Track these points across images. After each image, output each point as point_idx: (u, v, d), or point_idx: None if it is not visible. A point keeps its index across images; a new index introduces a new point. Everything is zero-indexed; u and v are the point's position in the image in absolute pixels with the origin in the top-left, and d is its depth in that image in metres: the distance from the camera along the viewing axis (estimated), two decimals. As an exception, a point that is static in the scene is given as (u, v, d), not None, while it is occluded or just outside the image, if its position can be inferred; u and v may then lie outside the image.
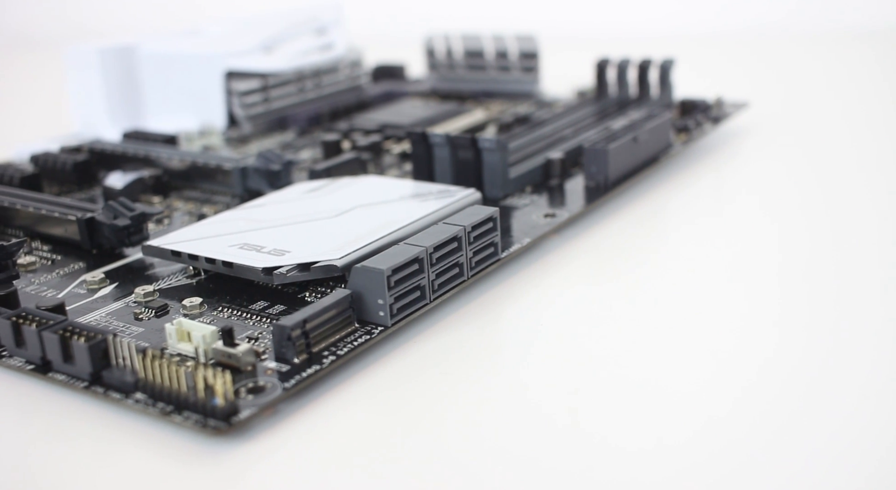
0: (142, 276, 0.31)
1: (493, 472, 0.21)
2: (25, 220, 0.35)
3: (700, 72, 0.59)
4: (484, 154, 0.36)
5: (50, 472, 0.22)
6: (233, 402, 0.22)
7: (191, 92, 0.50)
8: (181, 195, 0.40)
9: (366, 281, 0.26)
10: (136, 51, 0.50)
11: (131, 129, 0.47)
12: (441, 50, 0.57)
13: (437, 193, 0.34)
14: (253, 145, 0.48)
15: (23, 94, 0.72)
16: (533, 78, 0.54)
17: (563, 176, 0.38)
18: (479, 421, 0.23)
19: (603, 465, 0.21)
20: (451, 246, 0.28)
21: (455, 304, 0.29)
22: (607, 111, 0.46)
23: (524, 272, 0.31)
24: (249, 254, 0.29)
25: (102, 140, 0.45)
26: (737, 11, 0.81)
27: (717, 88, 0.50)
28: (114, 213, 0.33)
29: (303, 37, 0.55)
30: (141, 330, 0.27)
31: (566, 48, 0.66)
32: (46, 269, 0.32)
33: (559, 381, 0.25)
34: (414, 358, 0.26)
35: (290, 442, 0.22)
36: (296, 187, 0.36)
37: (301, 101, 0.52)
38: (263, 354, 0.25)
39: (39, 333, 0.25)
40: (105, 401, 0.24)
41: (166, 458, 0.22)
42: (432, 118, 0.48)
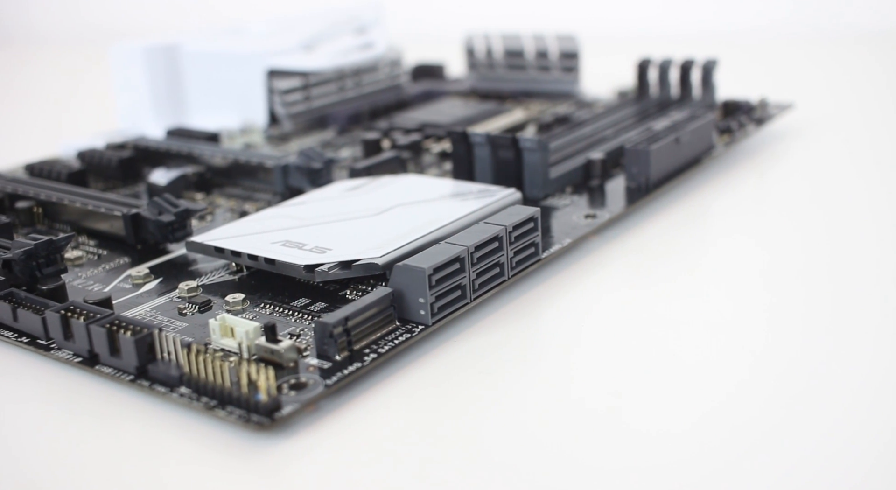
0: (185, 271, 0.32)
1: (531, 472, 0.21)
2: (72, 215, 0.36)
3: (744, 72, 0.58)
4: (525, 154, 0.36)
5: (95, 463, 0.22)
6: (276, 398, 0.22)
7: (233, 90, 0.51)
8: (223, 192, 0.40)
9: (407, 279, 0.26)
10: (180, 49, 0.51)
11: (174, 127, 0.48)
12: (481, 49, 0.56)
13: (477, 193, 0.34)
14: (293, 143, 0.48)
15: (70, 91, 0.73)
16: (573, 78, 0.54)
17: (604, 176, 0.38)
18: (518, 421, 0.23)
19: (644, 466, 0.21)
20: (492, 245, 0.28)
21: (495, 303, 0.29)
22: (648, 112, 0.46)
23: (564, 273, 0.31)
24: (291, 251, 0.29)
25: (147, 137, 0.46)
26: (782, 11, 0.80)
27: (760, 89, 0.49)
28: (158, 210, 0.33)
29: (343, 36, 0.56)
30: (185, 325, 0.27)
31: (606, 48, 0.65)
32: (93, 263, 0.33)
33: (600, 382, 0.24)
34: (454, 357, 0.26)
35: (330, 438, 0.23)
36: (336, 185, 0.37)
37: (341, 99, 0.52)
38: (305, 351, 0.25)
39: (87, 327, 0.25)
40: (150, 394, 0.24)
41: (209, 453, 0.22)
42: (472, 118, 0.48)
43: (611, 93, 0.54)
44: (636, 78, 0.48)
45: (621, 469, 0.21)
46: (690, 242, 0.34)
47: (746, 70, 0.61)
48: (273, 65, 0.50)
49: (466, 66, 0.58)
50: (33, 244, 0.29)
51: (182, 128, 0.47)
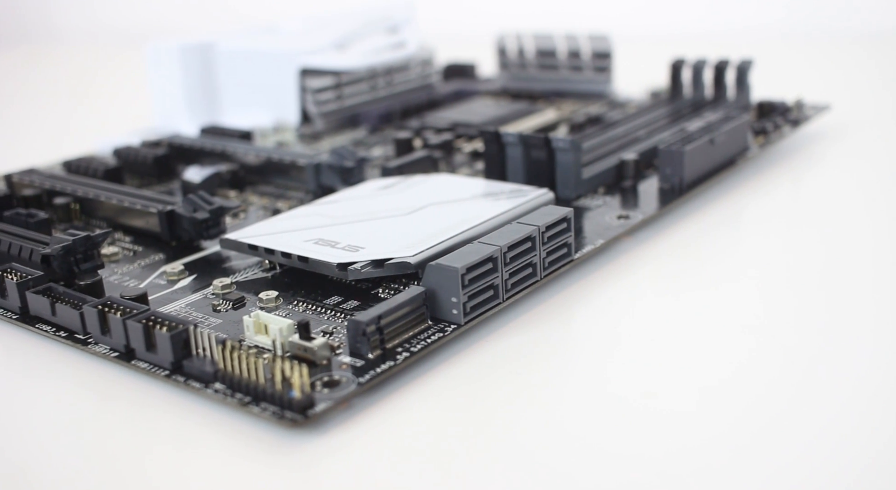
0: (219, 268, 0.32)
1: (562, 472, 0.21)
2: (108, 211, 0.36)
3: (779, 73, 0.58)
4: (557, 154, 0.36)
5: (130, 457, 0.22)
6: (309, 395, 0.23)
7: (266, 88, 0.51)
8: (256, 190, 0.41)
9: (440, 279, 0.26)
10: (215, 48, 0.52)
11: (208, 125, 0.48)
12: (513, 49, 0.56)
13: (509, 193, 0.34)
14: (325, 142, 0.48)
15: (106, 89, 0.74)
16: (605, 78, 0.53)
17: (637, 177, 0.38)
18: (550, 421, 0.23)
19: (677, 467, 0.21)
20: (524, 246, 0.28)
21: (527, 304, 0.29)
22: (681, 112, 0.45)
23: (597, 274, 0.31)
24: (324, 249, 0.30)
25: (181, 135, 0.46)
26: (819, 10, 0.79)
27: (797, 90, 0.48)
28: (193, 207, 0.34)
29: (376, 35, 0.56)
30: (219, 321, 0.28)
31: (639, 48, 0.65)
32: (128, 259, 0.33)
33: (633, 383, 0.24)
34: (486, 357, 0.26)
35: (362, 436, 0.23)
36: (369, 184, 0.37)
37: (373, 98, 0.53)
38: (338, 349, 0.25)
39: (124, 322, 0.25)
40: (185, 390, 0.24)
41: (243, 448, 0.22)
42: (503, 117, 0.48)
43: (643, 93, 0.53)
44: (669, 78, 0.48)
45: (654, 470, 0.21)
46: (724, 245, 0.34)
47: (782, 70, 0.60)
48: (305, 64, 0.50)
49: (498, 66, 0.58)
50: (71, 240, 0.29)
51: (215, 126, 0.48)
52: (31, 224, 0.34)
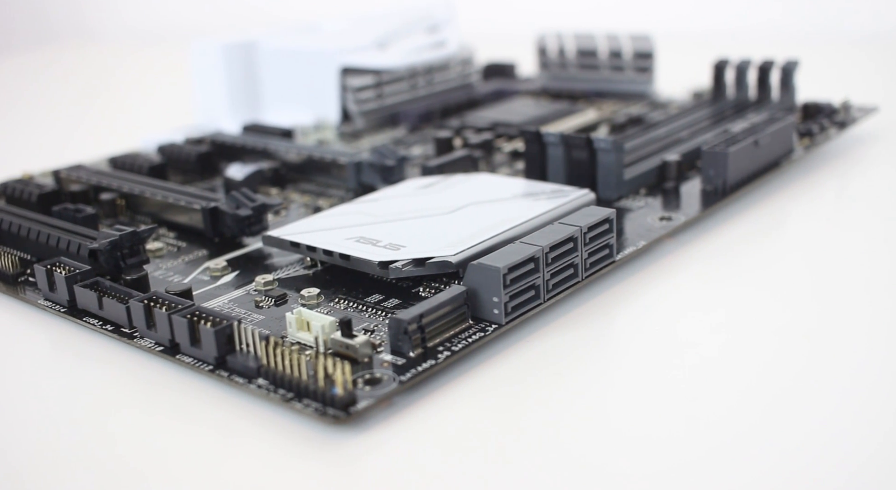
0: (261, 265, 0.32)
1: (602, 474, 0.21)
2: (153, 207, 0.37)
3: (826, 74, 0.57)
4: (599, 154, 0.36)
5: (172, 451, 0.23)
6: (351, 393, 0.23)
7: (307, 87, 0.51)
8: (297, 187, 0.41)
9: (481, 278, 0.26)
10: (257, 46, 0.52)
11: (250, 123, 0.49)
12: (553, 49, 0.56)
13: (550, 193, 0.34)
14: (365, 140, 0.48)
15: (151, 87, 0.75)
16: (647, 78, 0.53)
17: (679, 179, 0.38)
18: (590, 423, 0.23)
19: (718, 471, 0.20)
20: (566, 246, 0.28)
21: (568, 304, 0.29)
22: (724, 113, 0.45)
23: (638, 275, 0.31)
24: (366, 247, 0.30)
25: (223, 132, 0.47)
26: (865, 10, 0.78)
27: (843, 92, 0.48)
28: (236, 204, 0.34)
29: (416, 34, 0.56)
30: (261, 317, 0.28)
31: (681, 48, 0.64)
32: (172, 255, 0.34)
33: (674, 386, 0.24)
34: (527, 357, 0.26)
35: (403, 434, 0.23)
36: (409, 183, 0.37)
37: (413, 97, 0.53)
38: (379, 347, 0.25)
39: (169, 317, 0.26)
40: (228, 385, 0.24)
41: (285, 444, 0.22)
42: (544, 117, 0.48)
43: (685, 93, 0.53)
44: (712, 79, 0.47)
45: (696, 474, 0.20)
46: (767, 248, 0.33)
47: (829, 72, 0.59)
48: (346, 62, 0.51)
49: (538, 66, 0.57)
50: (118, 235, 0.30)
51: (257, 123, 0.48)
52: (79, 219, 0.34)
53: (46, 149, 0.54)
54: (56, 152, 0.51)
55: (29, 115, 0.66)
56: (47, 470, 0.22)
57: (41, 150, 0.53)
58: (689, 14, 0.82)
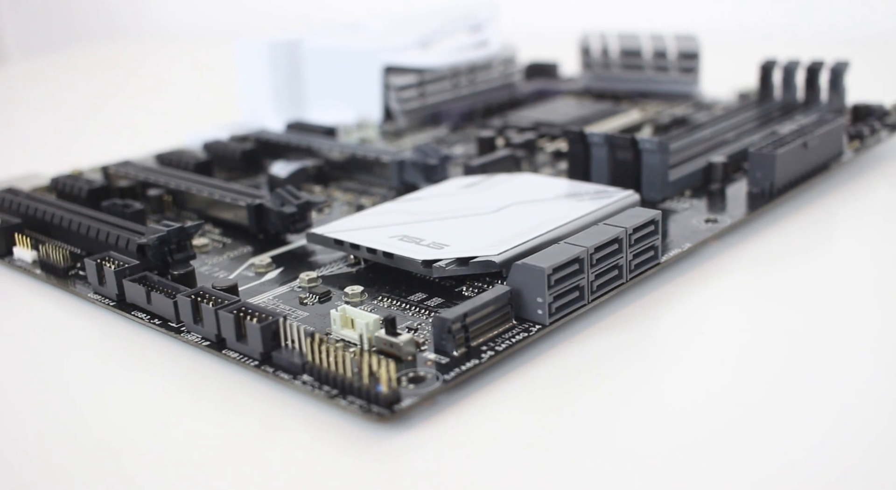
0: (305, 262, 0.32)
1: (645, 477, 0.20)
2: (199, 203, 0.37)
3: (877, 75, 0.56)
4: (644, 155, 0.36)
5: (218, 445, 0.23)
6: (396, 391, 0.23)
7: (350, 85, 0.52)
8: (340, 185, 0.41)
9: (526, 278, 0.26)
10: (301, 45, 0.52)
11: (294, 120, 0.49)
12: (596, 48, 0.56)
13: (593, 193, 0.34)
14: (407, 139, 0.48)
15: (196, 84, 0.76)
16: (692, 79, 0.53)
17: (725, 180, 0.37)
18: (634, 426, 0.23)
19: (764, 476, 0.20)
20: (611, 247, 0.28)
21: (612, 306, 0.29)
22: (771, 115, 0.44)
23: (683, 278, 0.31)
24: (409, 246, 0.30)
25: (267, 130, 0.47)
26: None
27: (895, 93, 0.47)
28: (281, 201, 0.34)
29: (459, 34, 0.56)
30: (306, 314, 0.28)
31: (726, 48, 0.63)
32: (217, 251, 0.34)
33: (720, 390, 0.24)
34: (570, 359, 0.26)
35: (446, 432, 0.23)
36: (452, 182, 0.37)
37: (455, 96, 0.53)
38: (423, 345, 0.25)
39: (216, 312, 0.26)
40: (274, 380, 0.25)
41: (329, 440, 0.23)
42: (587, 117, 0.47)
43: (731, 94, 0.52)
44: (758, 79, 0.47)
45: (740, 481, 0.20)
46: (814, 251, 0.33)
47: (879, 73, 0.58)
48: (389, 61, 0.51)
49: (581, 66, 0.57)
50: (166, 230, 0.30)
51: (300, 122, 0.49)
52: (127, 214, 0.35)
53: (95, 145, 0.55)
54: (105, 148, 0.52)
55: (79, 112, 0.67)
56: (94, 460, 0.22)
57: (90, 146, 0.54)
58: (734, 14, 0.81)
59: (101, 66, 0.89)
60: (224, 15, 1.05)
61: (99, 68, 0.88)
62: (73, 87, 0.78)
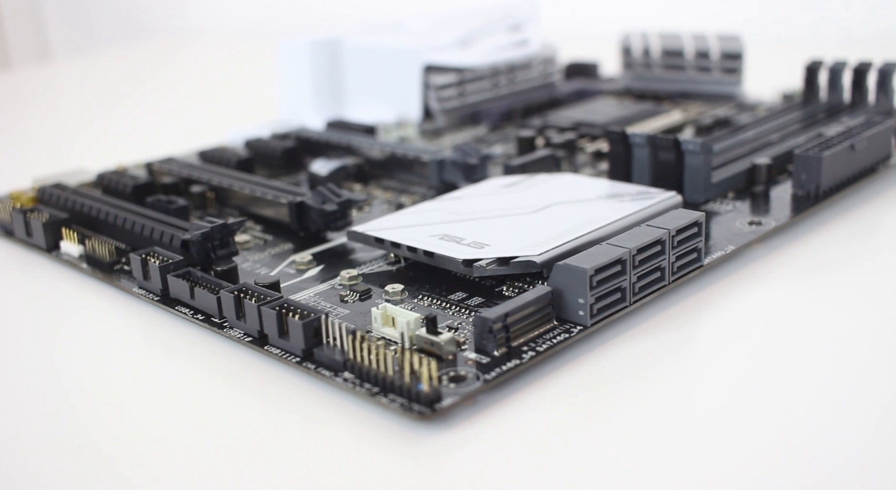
0: (345, 260, 0.33)
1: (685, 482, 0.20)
2: (240, 200, 0.38)
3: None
4: (686, 156, 0.35)
5: (259, 439, 0.23)
6: (437, 389, 0.23)
7: (390, 84, 0.52)
8: (380, 184, 0.41)
9: (567, 279, 0.26)
10: (342, 44, 0.53)
11: (334, 119, 0.49)
12: (638, 48, 0.55)
13: (635, 194, 0.33)
14: (446, 138, 0.49)
15: (238, 82, 0.77)
16: (735, 79, 0.52)
17: (769, 183, 0.37)
18: (675, 429, 0.22)
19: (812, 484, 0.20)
20: (654, 249, 0.28)
21: (654, 308, 0.29)
22: (816, 117, 0.43)
23: (726, 281, 0.30)
24: (449, 245, 0.30)
25: (308, 128, 0.47)
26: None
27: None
28: (322, 199, 0.34)
29: (499, 33, 0.56)
30: (346, 312, 0.28)
31: (771, 48, 0.63)
32: (259, 248, 0.34)
33: (763, 394, 0.23)
34: (612, 360, 0.26)
35: (486, 432, 0.23)
36: (492, 182, 0.37)
37: (494, 96, 0.53)
38: (464, 345, 0.25)
39: (259, 308, 0.26)
40: (315, 377, 0.25)
41: (370, 437, 0.23)
42: (627, 118, 0.47)
43: (775, 95, 0.51)
44: (803, 81, 0.46)
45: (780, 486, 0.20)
46: (860, 255, 0.32)
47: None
48: (429, 60, 0.51)
49: (621, 65, 0.57)
50: (209, 227, 0.31)
51: (340, 120, 0.49)
52: (171, 210, 0.35)
53: (139, 141, 0.56)
54: (148, 145, 0.52)
55: (123, 109, 0.68)
56: (138, 452, 0.23)
57: (134, 143, 0.55)
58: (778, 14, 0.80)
59: (145, 65, 0.90)
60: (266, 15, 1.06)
61: (143, 66, 0.89)
62: (118, 84, 0.79)
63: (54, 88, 0.81)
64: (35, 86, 0.83)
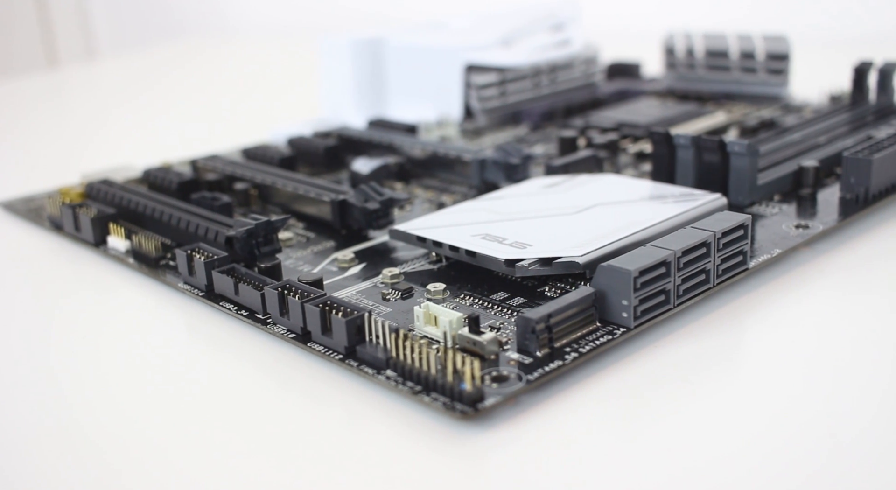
0: (386, 258, 0.33)
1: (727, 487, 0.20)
2: (283, 198, 0.38)
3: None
4: (732, 158, 0.35)
5: (302, 435, 0.23)
6: (479, 389, 0.23)
7: (431, 83, 0.52)
8: (421, 183, 0.41)
9: (611, 280, 0.26)
10: (384, 43, 0.53)
11: (375, 118, 0.49)
12: (681, 48, 0.55)
13: (678, 196, 0.33)
14: (486, 138, 0.48)
15: (280, 80, 0.77)
16: (781, 80, 0.51)
17: (816, 185, 0.36)
18: (717, 433, 0.22)
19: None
20: (699, 251, 0.27)
21: (698, 311, 0.28)
22: (865, 119, 0.43)
23: (772, 284, 0.30)
24: (492, 245, 0.30)
25: (349, 126, 0.48)
26: None
27: None
28: (364, 197, 0.35)
29: (541, 33, 0.56)
30: (388, 310, 0.28)
31: (818, 49, 0.62)
32: (301, 245, 0.35)
33: (804, 401, 0.23)
34: (655, 363, 0.26)
35: (528, 433, 0.23)
36: (534, 182, 0.37)
37: (535, 96, 0.53)
38: (506, 344, 0.25)
39: (302, 305, 0.26)
40: (357, 375, 0.25)
41: (411, 435, 0.23)
42: (671, 119, 0.47)
43: (822, 97, 0.50)
44: (852, 82, 0.45)
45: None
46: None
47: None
48: (471, 60, 0.51)
49: (664, 66, 0.56)
50: (254, 224, 0.31)
51: (382, 119, 0.49)
52: (215, 207, 0.36)
53: (183, 138, 0.56)
54: (192, 142, 0.53)
55: (167, 106, 0.69)
56: (180, 445, 0.23)
57: (179, 140, 0.56)
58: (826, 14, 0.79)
59: (188, 63, 0.91)
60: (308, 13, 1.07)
61: (186, 64, 0.90)
62: (162, 82, 0.80)
63: (100, 86, 0.83)
64: (82, 83, 0.85)
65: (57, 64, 1.29)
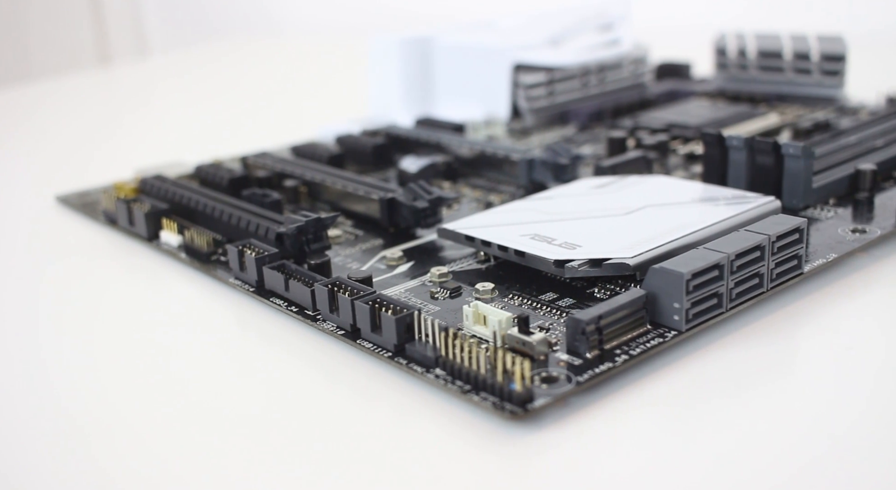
0: (434, 257, 0.33)
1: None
2: (332, 195, 0.38)
3: None
4: (786, 160, 0.34)
5: (349, 432, 0.23)
6: (529, 389, 0.23)
7: (479, 82, 0.52)
8: (468, 182, 0.41)
9: (663, 283, 0.26)
10: (432, 42, 0.53)
11: (423, 116, 0.50)
12: (733, 49, 0.54)
13: (731, 198, 0.33)
14: (534, 138, 0.48)
15: (329, 78, 0.78)
16: (836, 82, 0.50)
17: (874, 189, 0.35)
18: (768, 439, 0.22)
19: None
20: (753, 255, 0.27)
21: (751, 315, 0.28)
22: (924, 121, 0.42)
23: (827, 290, 0.29)
24: (541, 245, 0.30)
25: (397, 125, 0.48)
26: None
27: None
28: (413, 196, 0.35)
29: (590, 32, 0.55)
30: (437, 309, 0.28)
31: (875, 49, 0.60)
32: (350, 242, 0.35)
33: (857, 409, 0.23)
34: (706, 367, 0.25)
35: (578, 435, 0.23)
36: (583, 182, 0.37)
37: (583, 96, 0.52)
38: (555, 345, 0.25)
39: (352, 302, 0.26)
40: (406, 373, 0.25)
41: (460, 434, 0.23)
42: (721, 120, 0.46)
43: (879, 99, 0.49)
44: (911, 84, 0.44)
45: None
46: (974, 268, 0.31)
47: None
48: (519, 59, 0.51)
49: (714, 66, 0.55)
50: (304, 220, 0.31)
51: (429, 118, 0.49)
52: (266, 203, 0.36)
53: (234, 135, 0.57)
54: (242, 139, 0.54)
55: (218, 103, 0.70)
56: (229, 439, 0.23)
57: (229, 137, 0.57)
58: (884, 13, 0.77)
59: (238, 61, 0.92)
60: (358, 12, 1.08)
61: (236, 63, 0.91)
62: (212, 79, 0.82)
63: (152, 83, 0.84)
64: (134, 81, 0.86)
65: (109, 61, 1.31)
